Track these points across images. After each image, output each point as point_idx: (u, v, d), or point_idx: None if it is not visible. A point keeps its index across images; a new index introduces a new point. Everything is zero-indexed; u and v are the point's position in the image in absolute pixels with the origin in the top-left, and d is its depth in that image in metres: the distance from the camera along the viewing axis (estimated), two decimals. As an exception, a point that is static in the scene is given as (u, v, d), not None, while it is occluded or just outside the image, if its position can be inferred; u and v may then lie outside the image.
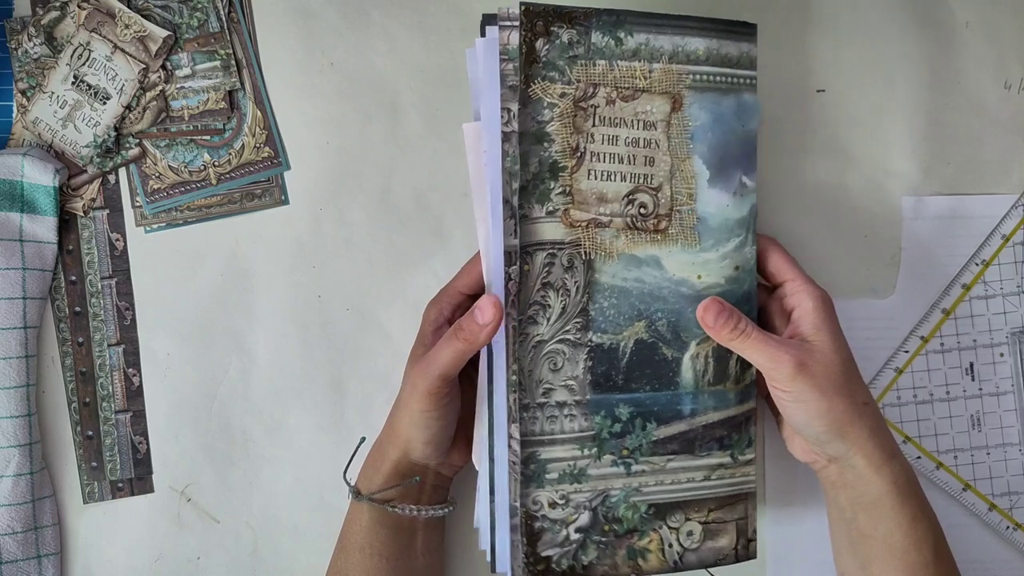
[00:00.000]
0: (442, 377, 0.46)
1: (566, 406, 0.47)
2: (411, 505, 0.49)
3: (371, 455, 0.51)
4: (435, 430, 0.47)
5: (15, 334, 0.52)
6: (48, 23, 0.54)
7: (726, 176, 0.48)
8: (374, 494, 0.49)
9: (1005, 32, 0.58)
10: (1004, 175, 0.57)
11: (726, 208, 0.48)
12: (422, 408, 0.47)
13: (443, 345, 0.46)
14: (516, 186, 0.46)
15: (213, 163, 0.55)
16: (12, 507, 0.52)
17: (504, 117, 0.46)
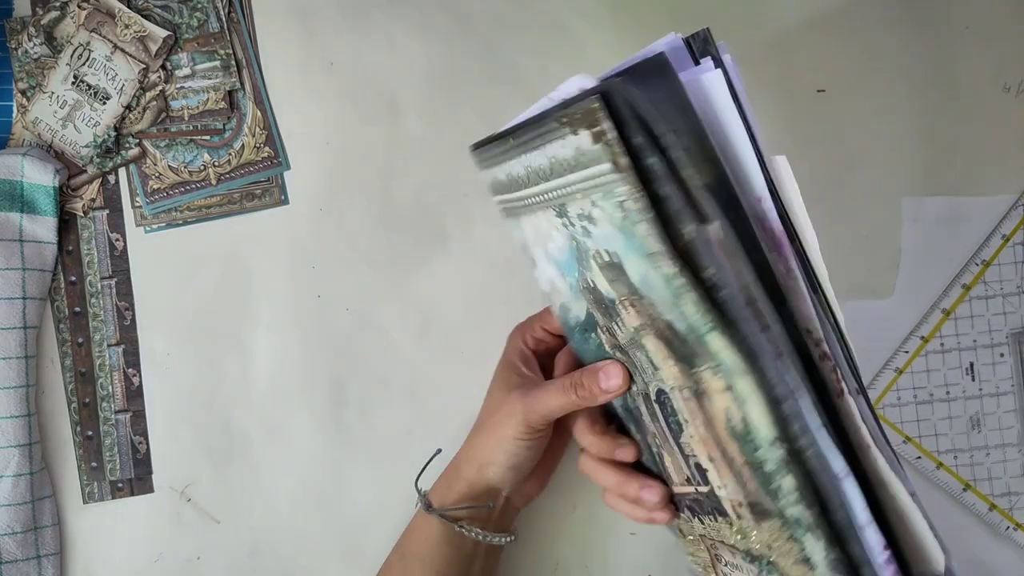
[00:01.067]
0: (544, 418, 0.46)
1: None
2: (478, 528, 0.49)
3: (447, 471, 0.51)
4: (522, 458, 0.48)
5: (15, 334, 0.52)
6: (48, 23, 0.54)
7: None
8: (447, 510, 0.48)
9: (1005, 34, 0.58)
10: (1004, 175, 0.57)
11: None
12: (516, 436, 0.47)
13: (557, 390, 0.45)
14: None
15: (213, 163, 0.55)
16: (12, 507, 0.52)
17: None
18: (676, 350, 0.38)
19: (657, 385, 0.41)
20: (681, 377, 0.39)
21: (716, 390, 0.37)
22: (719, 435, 0.39)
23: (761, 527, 0.39)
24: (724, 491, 0.40)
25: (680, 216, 0.34)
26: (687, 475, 0.42)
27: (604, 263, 0.39)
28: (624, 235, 0.36)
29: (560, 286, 0.44)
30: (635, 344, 0.40)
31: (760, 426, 0.36)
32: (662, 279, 0.36)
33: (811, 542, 0.37)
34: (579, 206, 0.38)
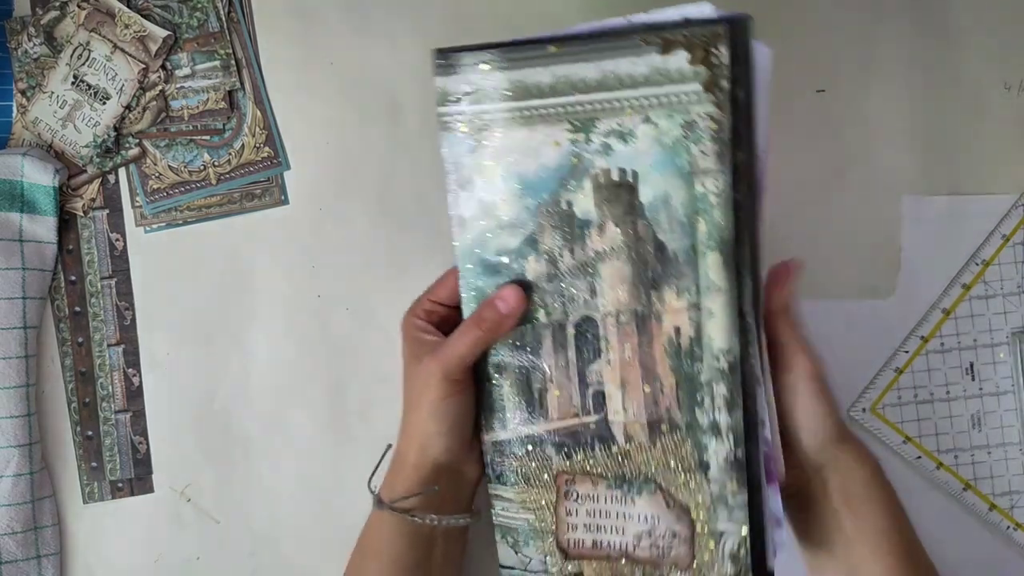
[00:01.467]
0: (460, 364, 0.45)
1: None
2: (431, 515, 0.48)
3: (393, 465, 0.50)
4: (453, 417, 0.47)
5: (15, 334, 0.52)
6: (48, 23, 0.54)
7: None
8: (395, 503, 0.48)
9: (1005, 34, 0.58)
10: (1004, 175, 0.57)
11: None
12: (440, 395, 0.46)
13: (461, 334, 0.46)
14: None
15: (213, 163, 0.55)
16: (12, 507, 0.52)
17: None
18: (641, 275, 0.44)
19: (583, 314, 0.45)
20: (627, 301, 0.44)
21: (673, 310, 0.44)
22: (652, 356, 0.44)
23: (656, 445, 0.45)
24: (621, 415, 0.46)
25: (739, 142, 0.41)
26: (576, 408, 0.46)
27: (607, 182, 0.43)
28: (667, 153, 0.42)
29: (501, 210, 0.45)
30: (581, 270, 0.45)
31: (716, 338, 0.43)
32: (689, 198, 0.42)
33: (715, 445, 0.44)
34: (617, 121, 0.43)
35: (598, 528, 0.47)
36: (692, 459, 0.45)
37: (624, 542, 0.47)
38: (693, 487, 0.45)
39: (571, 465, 0.47)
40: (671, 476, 0.46)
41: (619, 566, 0.47)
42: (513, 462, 0.48)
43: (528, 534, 0.48)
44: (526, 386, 0.47)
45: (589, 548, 0.47)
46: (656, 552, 0.46)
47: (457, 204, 0.46)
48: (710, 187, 0.42)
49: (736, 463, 0.44)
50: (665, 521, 0.46)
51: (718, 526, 0.45)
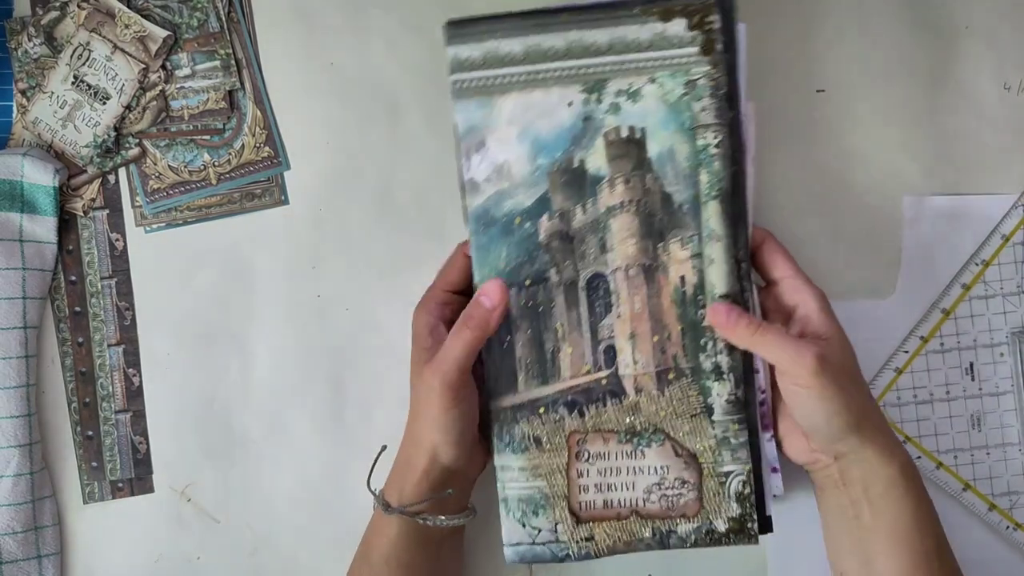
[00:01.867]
0: (458, 370, 0.45)
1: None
2: (439, 516, 0.48)
3: (397, 467, 0.50)
4: (460, 428, 0.47)
5: (15, 334, 0.52)
6: (48, 23, 0.54)
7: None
8: (406, 507, 0.48)
9: (1005, 34, 0.58)
10: (1004, 175, 0.57)
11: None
12: (444, 408, 0.46)
13: (453, 338, 0.46)
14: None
15: (213, 163, 0.55)
16: (12, 507, 0.52)
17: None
18: (650, 226, 0.48)
19: (594, 270, 0.48)
20: (637, 255, 0.48)
21: (677, 260, 0.48)
22: (660, 305, 0.48)
23: (664, 394, 0.48)
24: (631, 368, 0.48)
25: (731, 101, 0.47)
26: (588, 364, 0.49)
27: (618, 139, 0.48)
28: (671, 110, 0.47)
29: (514, 171, 0.48)
30: (593, 227, 0.48)
31: (716, 284, 0.48)
32: (693, 151, 0.47)
33: (718, 388, 0.48)
34: (627, 82, 0.47)
35: (609, 487, 0.49)
36: (698, 404, 0.48)
37: (634, 498, 0.49)
38: (699, 432, 0.48)
39: (583, 423, 0.49)
40: (678, 424, 0.48)
41: (629, 523, 0.49)
42: (525, 427, 0.49)
43: (538, 503, 0.49)
44: (538, 347, 0.49)
45: (600, 509, 0.49)
46: (666, 503, 0.48)
47: (469, 169, 0.48)
48: (710, 140, 0.47)
49: (737, 403, 0.48)
50: (674, 470, 0.48)
51: (723, 467, 0.48)
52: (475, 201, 0.48)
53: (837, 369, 0.44)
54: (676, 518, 0.49)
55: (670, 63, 0.47)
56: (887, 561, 0.46)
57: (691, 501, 0.48)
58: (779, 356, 0.45)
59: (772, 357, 0.46)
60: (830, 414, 0.45)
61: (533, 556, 0.49)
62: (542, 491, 0.49)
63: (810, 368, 0.44)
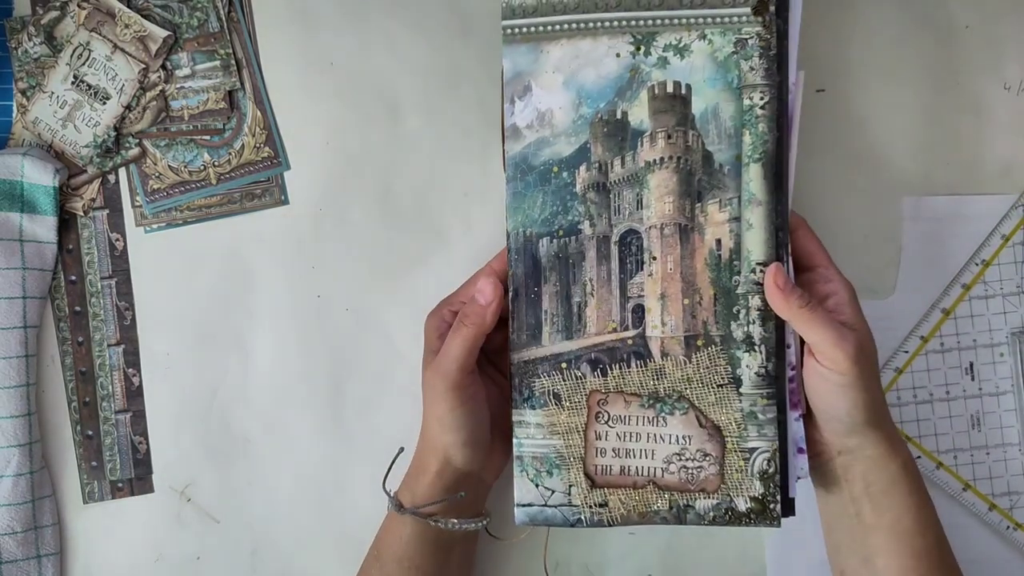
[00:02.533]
0: (459, 369, 0.46)
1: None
2: (452, 519, 0.48)
3: (411, 468, 0.50)
4: (470, 428, 0.47)
5: (15, 334, 0.52)
6: (48, 23, 0.54)
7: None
8: (419, 508, 0.48)
9: (1004, 34, 0.58)
10: (1004, 175, 0.57)
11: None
12: (449, 407, 0.46)
13: (451, 338, 0.46)
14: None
15: (213, 163, 0.55)
16: (12, 507, 0.52)
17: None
18: (689, 185, 0.47)
19: (628, 226, 0.48)
20: (673, 214, 0.47)
21: (715, 222, 0.47)
22: (693, 267, 0.47)
23: (691, 360, 0.47)
24: (659, 330, 0.47)
25: (780, 64, 0.47)
26: (615, 322, 0.48)
27: (663, 94, 0.47)
28: (719, 68, 0.47)
29: (556, 119, 0.48)
30: (631, 181, 0.47)
31: (753, 251, 0.46)
32: (739, 110, 0.47)
33: (748, 359, 0.47)
34: (676, 36, 0.47)
35: (627, 453, 0.47)
36: (725, 374, 0.47)
37: (652, 467, 0.47)
38: (725, 404, 0.47)
39: (605, 383, 0.48)
40: (704, 393, 0.47)
41: (645, 493, 0.47)
42: (545, 382, 0.48)
43: (553, 462, 0.47)
44: (565, 299, 0.48)
45: (616, 475, 0.47)
46: (685, 475, 0.47)
47: (512, 114, 0.48)
48: (757, 100, 0.47)
49: (767, 376, 0.47)
50: (696, 441, 0.47)
51: (748, 443, 0.47)
52: (515, 147, 0.48)
53: (867, 362, 0.44)
54: (695, 492, 0.47)
55: (721, 21, 0.46)
56: (887, 559, 0.46)
57: (712, 476, 0.47)
58: (822, 336, 0.44)
59: (815, 336, 0.44)
60: (853, 404, 0.44)
61: (544, 518, 0.47)
62: (558, 450, 0.47)
63: (850, 355, 0.43)
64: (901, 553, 0.45)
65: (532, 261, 0.48)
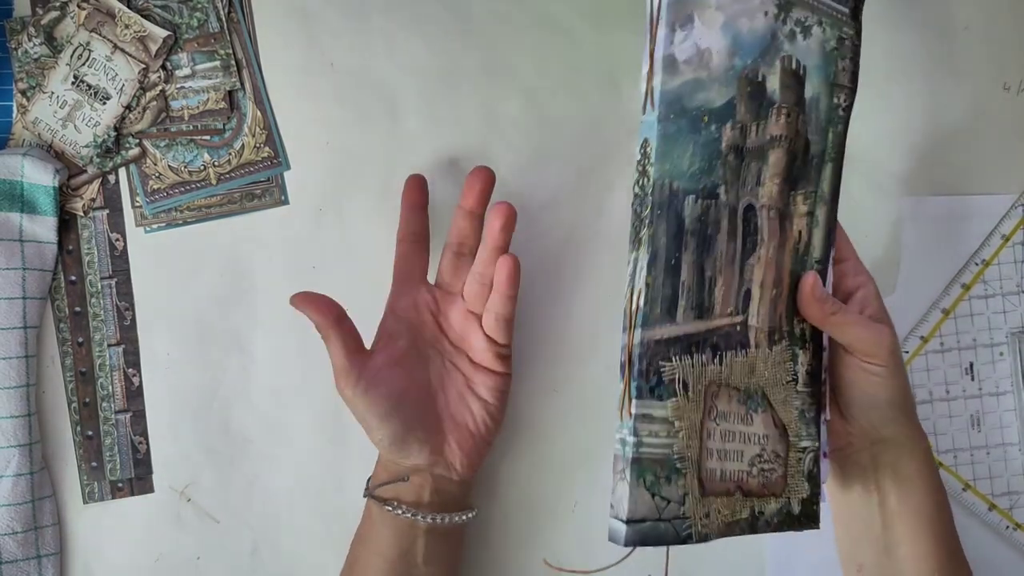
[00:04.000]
0: (342, 375, 0.48)
1: None
2: (409, 507, 0.48)
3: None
4: (384, 426, 0.48)
5: (15, 334, 0.52)
6: (48, 23, 0.54)
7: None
8: (371, 491, 0.49)
9: (1004, 34, 0.58)
10: (1004, 175, 0.57)
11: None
12: (351, 407, 0.48)
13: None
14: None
15: (213, 163, 0.55)
16: (12, 507, 0.52)
17: None
18: (791, 170, 0.45)
19: (749, 200, 0.44)
20: (777, 197, 0.44)
21: (799, 213, 0.45)
22: (784, 256, 0.45)
23: (772, 353, 0.44)
24: (755, 319, 0.44)
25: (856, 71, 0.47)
26: (733, 305, 0.43)
27: (789, 68, 0.44)
28: (824, 59, 0.45)
29: (715, 61, 0.42)
30: (759, 152, 0.44)
31: (816, 247, 0.46)
32: (829, 106, 0.46)
33: (802, 356, 0.45)
34: (805, 14, 0.44)
35: (725, 455, 0.42)
36: (790, 371, 0.45)
37: (741, 470, 0.43)
38: (789, 402, 0.45)
39: (720, 373, 0.42)
40: (777, 391, 0.44)
41: (734, 500, 0.42)
42: (676, 367, 0.41)
43: (673, 466, 0.40)
44: (700, 272, 0.42)
45: (717, 481, 0.42)
46: (763, 479, 0.43)
47: (671, 43, 0.40)
48: (841, 101, 0.47)
49: (812, 376, 0.46)
50: (772, 441, 0.44)
51: (802, 443, 0.45)
52: (671, 82, 0.40)
53: (900, 351, 0.45)
54: (768, 496, 0.43)
55: (832, 13, 0.45)
56: (911, 546, 0.46)
57: (779, 477, 0.44)
58: (859, 336, 0.44)
59: (850, 337, 0.44)
60: (892, 394, 0.45)
61: (656, 536, 0.39)
62: (679, 452, 0.40)
63: (889, 348, 0.44)
64: (925, 539, 0.46)
65: (677, 221, 0.41)
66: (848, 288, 0.48)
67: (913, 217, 0.57)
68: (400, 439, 0.48)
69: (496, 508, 0.56)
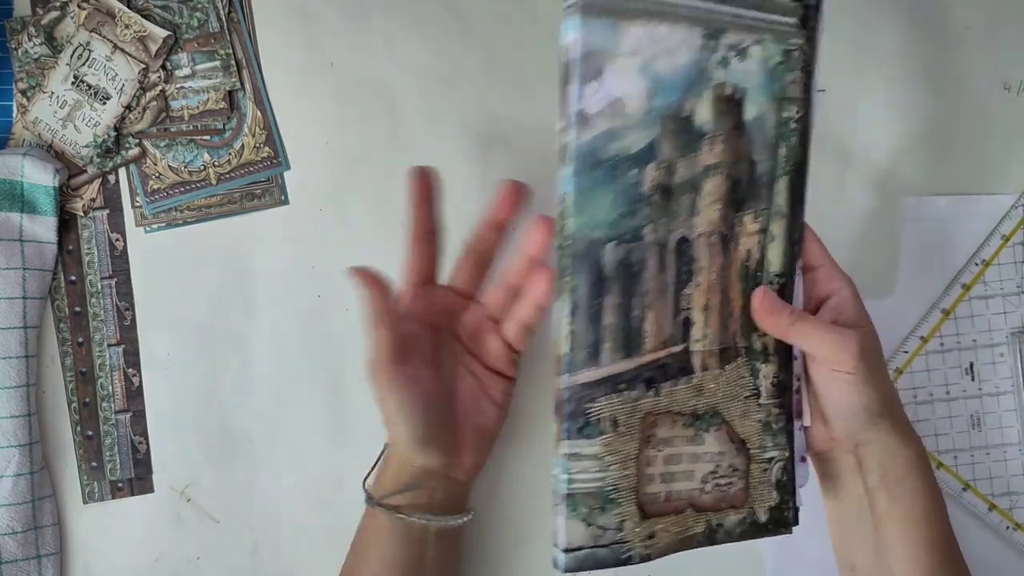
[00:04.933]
0: (388, 358, 0.46)
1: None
2: (422, 513, 0.48)
3: (384, 460, 0.50)
4: (413, 423, 0.47)
5: (15, 334, 0.52)
6: (48, 23, 0.54)
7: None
8: (382, 500, 0.48)
9: (1005, 34, 0.58)
10: (1004, 175, 0.57)
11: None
12: (379, 396, 0.47)
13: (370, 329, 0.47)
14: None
15: (213, 163, 0.55)
16: (12, 507, 0.52)
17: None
18: (734, 193, 0.45)
19: (682, 233, 0.45)
20: (718, 222, 0.45)
21: (748, 232, 0.46)
22: (730, 278, 0.46)
23: (724, 371, 0.46)
24: (701, 343, 0.45)
25: (811, 80, 0.46)
26: (666, 336, 0.45)
27: (723, 95, 0.45)
28: (767, 76, 0.45)
29: (630, 107, 0.42)
30: (689, 185, 0.44)
31: (773, 262, 0.46)
32: (778, 122, 0.46)
33: (765, 369, 0.46)
34: (739, 37, 0.44)
35: (671, 477, 0.45)
36: (749, 386, 0.46)
37: (692, 489, 0.45)
38: (748, 416, 0.46)
39: (656, 403, 0.44)
40: (733, 406, 0.46)
41: (685, 518, 0.45)
42: (603, 406, 0.43)
43: (607, 498, 0.43)
44: (626, 313, 0.44)
45: (662, 502, 0.44)
46: (719, 493, 0.45)
47: (580, 98, 0.42)
48: (793, 113, 0.46)
49: (780, 386, 0.47)
50: (728, 456, 0.46)
51: (767, 454, 0.46)
52: (584, 136, 0.42)
53: (872, 356, 0.45)
54: (726, 509, 0.46)
55: (775, 28, 0.45)
56: (902, 548, 0.46)
57: (739, 490, 0.46)
58: (821, 344, 0.44)
59: (813, 346, 0.45)
60: (868, 400, 0.45)
61: (595, 561, 0.42)
62: (613, 483, 0.43)
63: (855, 353, 0.43)
64: (916, 541, 0.45)
65: (596, 270, 0.43)
66: (820, 295, 0.47)
67: (913, 217, 0.57)
68: (425, 439, 0.47)
69: (496, 508, 0.56)
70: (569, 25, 0.42)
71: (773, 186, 0.46)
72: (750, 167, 0.46)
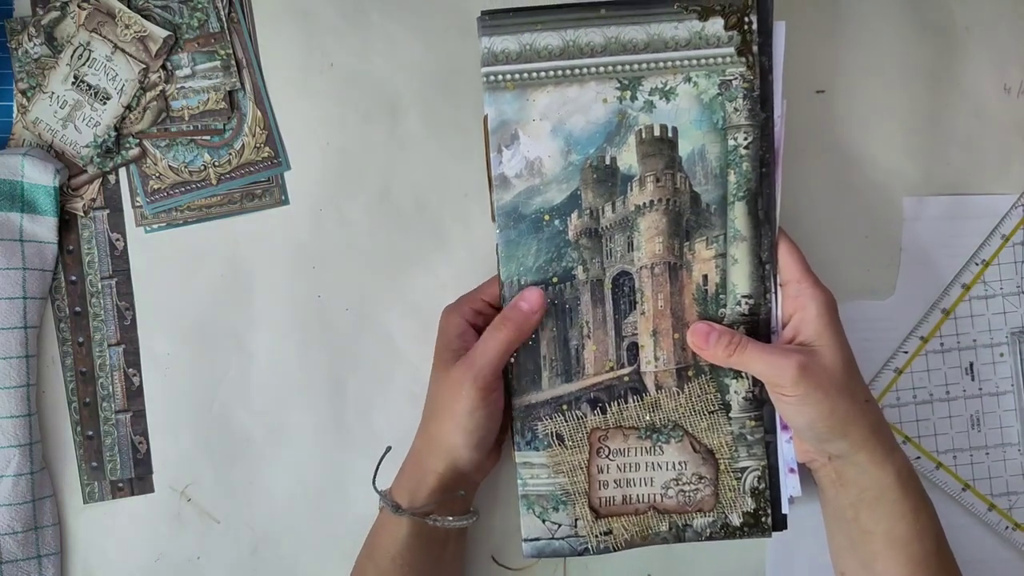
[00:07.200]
0: (491, 370, 0.46)
1: None
2: (448, 517, 0.48)
3: (410, 469, 0.50)
4: (484, 431, 0.47)
5: (15, 334, 0.52)
6: (48, 23, 0.54)
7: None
8: (417, 509, 0.48)
9: (1005, 36, 0.58)
10: (1004, 175, 0.57)
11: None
12: (471, 407, 0.46)
13: (488, 338, 0.47)
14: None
15: (213, 163, 0.55)
16: (12, 507, 0.52)
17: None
18: (677, 226, 0.48)
19: (620, 268, 0.49)
20: (663, 253, 0.49)
21: (702, 259, 0.49)
22: (682, 303, 0.49)
23: (683, 391, 0.49)
24: (653, 365, 0.49)
25: (764, 103, 0.48)
26: (611, 362, 0.49)
27: (650, 138, 0.48)
28: (705, 110, 0.48)
29: (547, 167, 0.48)
30: (621, 225, 0.49)
31: (739, 284, 0.49)
32: (723, 151, 0.48)
33: (736, 385, 0.49)
34: (662, 80, 0.47)
35: (628, 482, 0.49)
36: (716, 401, 0.49)
37: (652, 493, 0.50)
38: (717, 429, 0.49)
39: (605, 420, 0.49)
40: (696, 420, 0.49)
41: (647, 518, 0.50)
42: (547, 424, 0.49)
43: (559, 499, 0.49)
44: (563, 344, 0.49)
45: (619, 504, 0.50)
46: (683, 498, 0.50)
47: (500, 164, 0.48)
48: (741, 141, 0.48)
49: (754, 400, 0.49)
50: (692, 465, 0.49)
51: (739, 463, 0.49)
52: (504, 197, 0.49)
53: (821, 376, 0.45)
54: (693, 512, 0.50)
55: (706, 63, 0.47)
56: (886, 564, 0.46)
57: (707, 496, 0.49)
58: (761, 369, 0.46)
59: (755, 371, 0.47)
60: (812, 420, 0.45)
61: (552, 550, 0.50)
62: (563, 487, 0.49)
63: (791, 378, 0.45)
64: (898, 558, 0.46)
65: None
66: (788, 312, 0.49)
67: (913, 217, 0.57)
68: (485, 443, 0.48)
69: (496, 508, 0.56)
70: (485, 100, 0.48)
71: (727, 212, 0.48)
72: (694, 199, 0.48)
